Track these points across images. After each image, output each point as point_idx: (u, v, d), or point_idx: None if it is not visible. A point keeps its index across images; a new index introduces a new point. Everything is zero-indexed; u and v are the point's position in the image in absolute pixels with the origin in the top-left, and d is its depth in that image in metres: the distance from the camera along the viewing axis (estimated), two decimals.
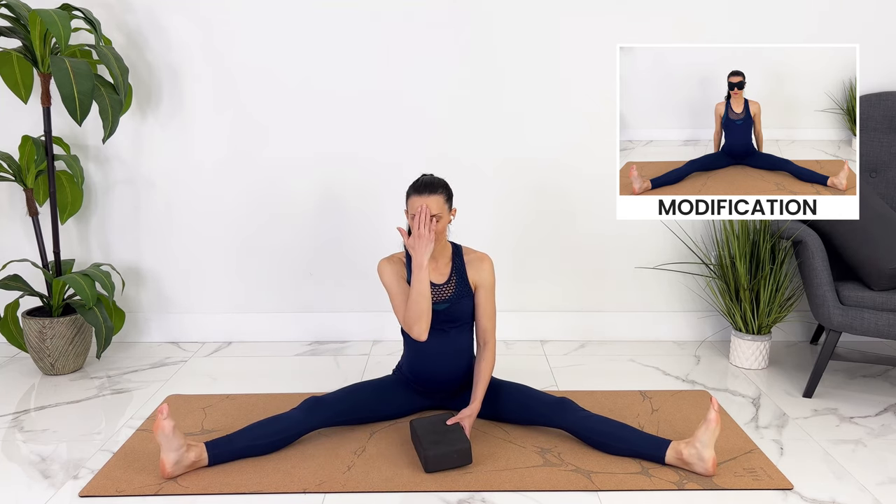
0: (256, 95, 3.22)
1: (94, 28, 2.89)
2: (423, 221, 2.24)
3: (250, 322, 3.40)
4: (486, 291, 2.42)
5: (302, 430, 2.31)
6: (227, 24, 3.17)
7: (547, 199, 3.31)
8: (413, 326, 2.29)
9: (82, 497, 2.07)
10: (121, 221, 3.32)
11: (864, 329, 2.65)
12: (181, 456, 2.13)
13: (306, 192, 3.29)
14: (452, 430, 2.23)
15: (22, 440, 2.44)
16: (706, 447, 2.13)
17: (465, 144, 3.25)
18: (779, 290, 2.99)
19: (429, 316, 2.28)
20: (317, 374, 3.00)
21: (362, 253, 3.29)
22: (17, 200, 3.27)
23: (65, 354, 2.98)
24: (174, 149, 3.26)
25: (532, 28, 3.18)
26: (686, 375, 3.00)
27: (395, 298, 2.38)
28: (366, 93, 3.21)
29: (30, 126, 3.14)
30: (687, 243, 3.31)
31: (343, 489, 2.10)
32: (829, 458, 2.32)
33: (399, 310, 2.36)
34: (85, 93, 2.68)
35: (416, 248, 2.24)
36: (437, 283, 2.40)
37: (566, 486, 2.11)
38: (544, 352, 3.27)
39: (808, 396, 2.78)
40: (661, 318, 3.42)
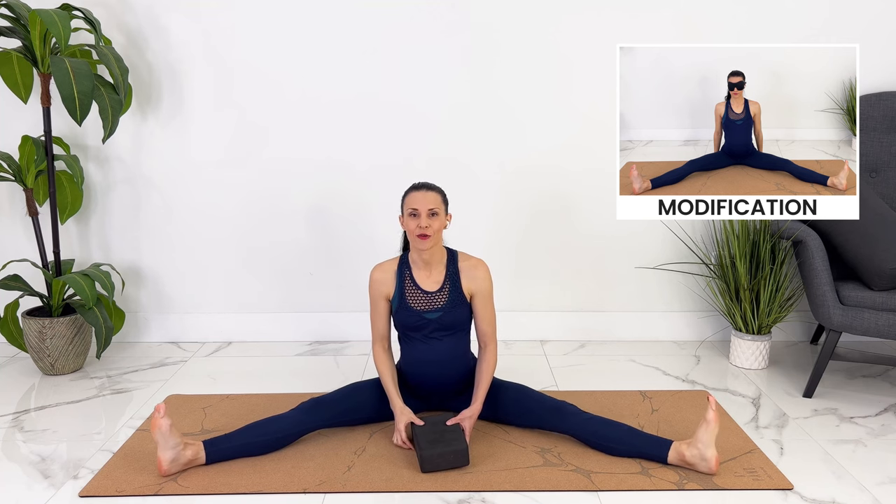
0: (256, 96, 3.22)
1: (94, 28, 2.89)
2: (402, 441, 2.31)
3: (250, 322, 3.40)
4: (483, 298, 2.41)
5: (301, 431, 2.31)
6: (227, 24, 3.17)
7: (547, 198, 3.30)
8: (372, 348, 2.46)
9: (82, 497, 2.07)
10: (121, 221, 3.32)
11: (864, 329, 2.64)
12: (178, 454, 2.13)
13: (306, 192, 3.29)
14: (451, 431, 2.23)
15: (22, 440, 2.44)
16: (708, 447, 2.13)
17: (465, 145, 3.25)
18: (779, 290, 2.99)
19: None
20: (317, 374, 3.00)
21: (362, 253, 3.29)
22: (17, 200, 3.27)
23: (65, 354, 2.98)
24: (174, 149, 3.26)
25: (532, 28, 3.17)
26: (686, 375, 3.00)
27: (371, 310, 2.46)
28: (366, 94, 3.21)
29: (30, 126, 3.14)
30: (687, 243, 3.31)
31: (343, 489, 2.10)
32: (829, 458, 2.32)
33: (371, 319, 2.46)
34: (85, 93, 2.68)
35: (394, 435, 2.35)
36: (430, 290, 2.39)
37: (566, 486, 2.11)
38: (544, 352, 3.27)
39: (808, 396, 2.78)
40: (661, 318, 3.42)
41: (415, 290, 2.39)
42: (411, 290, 2.39)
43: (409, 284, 2.39)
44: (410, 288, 2.39)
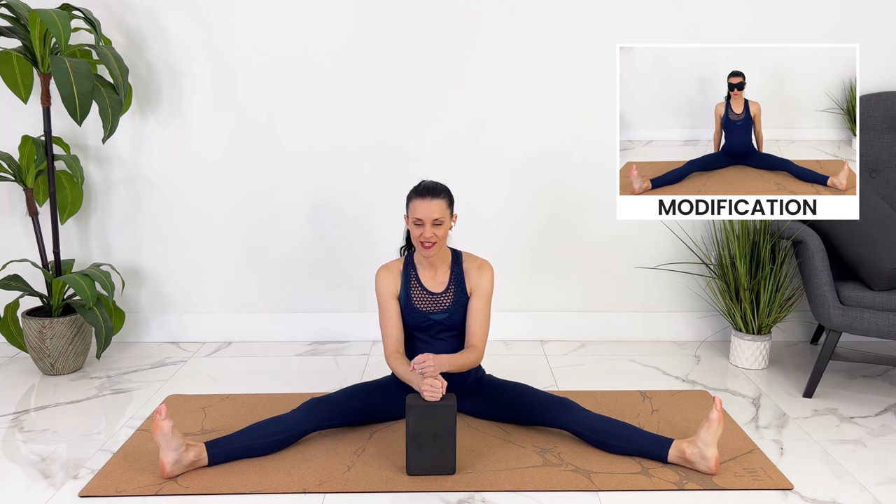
0: (256, 95, 3.22)
1: (94, 28, 2.89)
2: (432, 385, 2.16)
3: (250, 322, 3.40)
4: (481, 296, 2.40)
5: (302, 432, 2.31)
6: (227, 24, 3.17)
7: (546, 199, 3.30)
8: (387, 359, 2.37)
9: (82, 497, 2.07)
10: (121, 221, 3.32)
11: (864, 329, 2.64)
12: (180, 455, 2.13)
13: (306, 192, 3.29)
14: (441, 437, 2.15)
15: (22, 440, 2.44)
16: (708, 446, 2.13)
17: (466, 145, 3.25)
18: (779, 290, 2.99)
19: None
20: (317, 374, 3.00)
21: (362, 253, 3.29)
22: (17, 200, 3.27)
23: (65, 354, 2.98)
24: (174, 149, 3.26)
25: (532, 28, 3.18)
26: (686, 375, 3.00)
27: (381, 315, 2.41)
28: (366, 94, 3.21)
29: (30, 126, 3.14)
30: (687, 243, 3.31)
31: (343, 489, 2.10)
32: (829, 458, 2.32)
33: (382, 327, 2.40)
34: (85, 93, 2.68)
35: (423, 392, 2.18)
36: (435, 291, 2.39)
37: (566, 486, 2.11)
38: (544, 352, 3.27)
39: (809, 396, 2.78)
40: (661, 318, 3.42)
41: (420, 291, 2.39)
42: (417, 290, 2.39)
43: (414, 285, 2.40)
44: (416, 288, 2.40)
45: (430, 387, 2.14)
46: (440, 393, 2.14)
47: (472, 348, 2.37)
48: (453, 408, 2.14)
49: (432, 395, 2.13)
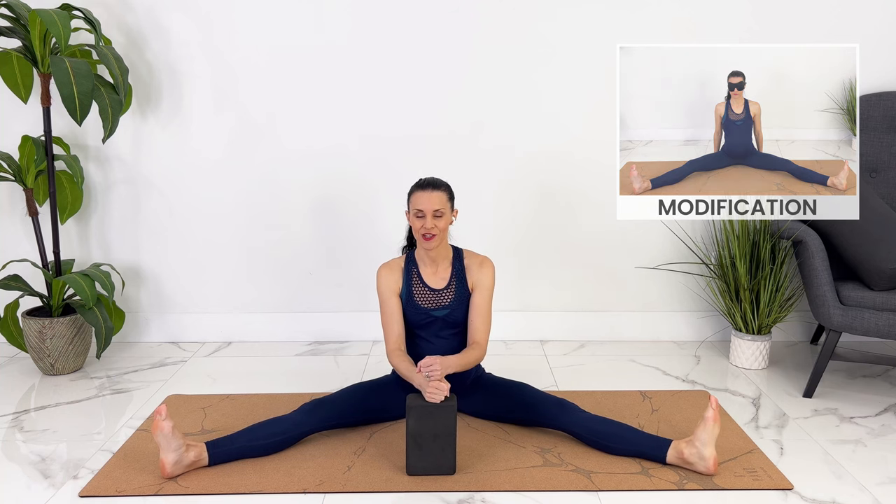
0: (256, 95, 3.22)
1: (94, 28, 2.89)
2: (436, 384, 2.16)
3: (250, 322, 3.40)
4: (482, 292, 2.40)
5: (303, 432, 2.31)
6: (227, 24, 3.17)
7: (546, 199, 3.30)
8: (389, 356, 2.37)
9: (82, 497, 2.07)
10: (121, 221, 3.32)
11: (864, 329, 2.64)
12: (181, 456, 2.13)
13: (306, 192, 3.29)
14: (441, 437, 2.15)
15: (22, 440, 2.44)
16: (706, 446, 2.13)
17: (466, 145, 3.25)
18: (779, 290, 2.99)
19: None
20: (317, 374, 3.00)
21: (362, 253, 3.29)
22: (17, 200, 3.27)
23: (65, 354, 2.98)
24: (174, 149, 3.26)
25: (532, 28, 3.18)
26: (686, 375, 3.00)
27: (382, 312, 2.41)
28: (366, 94, 3.21)
29: (30, 126, 3.14)
30: (687, 243, 3.31)
31: (343, 489, 2.10)
32: (829, 458, 2.32)
33: (383, 324, 2.40)
34: (85, 93, 2.68)
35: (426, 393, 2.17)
36: (437, 288, 2.40)
37: (566, 486, 2.11)
38: (544, 352, 3.27)
39: (808, 396, 2.78)
40: (661, 318, 3.42)
41: (422, 288, 2.40)
42: (419, 287, 2.40)
43: (416, 282, 2.40)
44: (418, 285, 2.40)
45: (435, 389, 2.14)
46: (444, 395, 2.14)
47: (475, 345, 2.37)
48: (453, 408, 2.14)
49: (436, 397, 2.14)
